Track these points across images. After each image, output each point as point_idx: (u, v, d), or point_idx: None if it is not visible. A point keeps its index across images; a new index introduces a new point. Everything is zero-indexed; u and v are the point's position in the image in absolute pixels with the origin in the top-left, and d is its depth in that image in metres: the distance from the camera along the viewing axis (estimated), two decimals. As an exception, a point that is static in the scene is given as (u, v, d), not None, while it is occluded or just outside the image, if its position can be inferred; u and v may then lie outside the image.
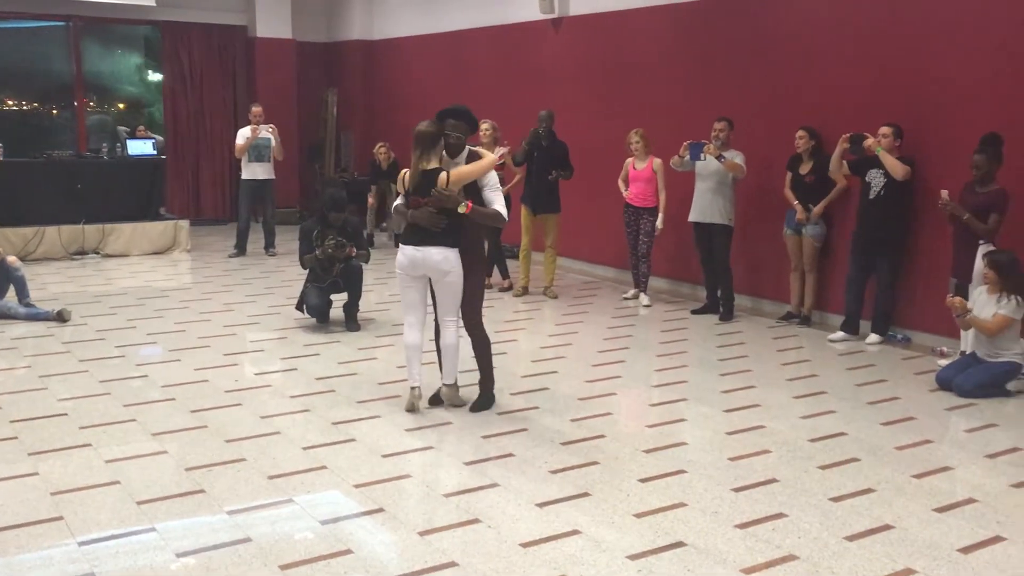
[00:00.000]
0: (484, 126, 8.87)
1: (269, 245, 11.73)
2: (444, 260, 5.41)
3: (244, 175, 11.52)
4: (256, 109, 11.51)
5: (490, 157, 5.47)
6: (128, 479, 4.60)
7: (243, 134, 11.42)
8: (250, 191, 11.53)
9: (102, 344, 7.27)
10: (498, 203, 5.50)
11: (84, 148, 13.37)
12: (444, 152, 5.46)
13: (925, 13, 7.33)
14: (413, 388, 5.70)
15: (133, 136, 12.97)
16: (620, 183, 9.02)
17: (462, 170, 5.39)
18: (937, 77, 7.26)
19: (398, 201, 5.64)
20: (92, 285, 9.75)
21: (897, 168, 7.10)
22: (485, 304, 5.78)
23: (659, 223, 8.77)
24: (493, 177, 5.52)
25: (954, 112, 7.15)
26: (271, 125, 11.47)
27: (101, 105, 15.27)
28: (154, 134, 13.84)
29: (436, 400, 5.79)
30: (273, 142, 11.42)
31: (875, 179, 7.29)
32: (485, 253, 5.90)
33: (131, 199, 11.86)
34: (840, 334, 7.64)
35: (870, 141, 7.18)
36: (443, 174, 5.34)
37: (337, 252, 7.53)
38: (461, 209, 5.30)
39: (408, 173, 5.53)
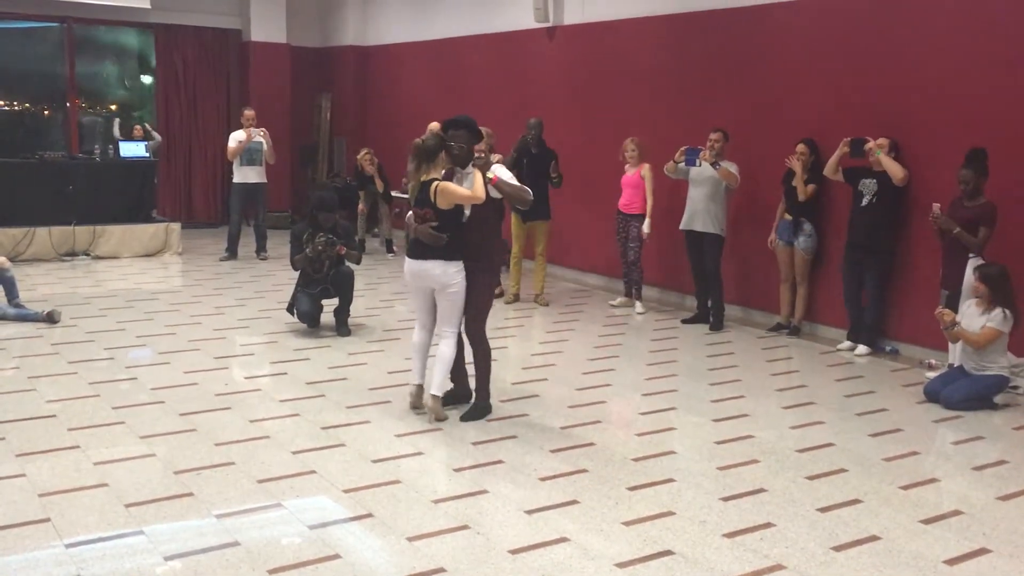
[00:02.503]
0: None
1: (260, 249, 11.72)
2: (444, 274, 5.45)
3: (236, 178, 11.49)
4: (248, 112, 11.51)
5: (476, 193, 5.40)
6: (116, 481, 4.59)
7: (235, 137, 11.39)
8: (242, 194, 11.50)
9: (91, 346, 7.25)
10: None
11: (76, 149, 13.34)
12: (450, 161, 5.53)
13: (915, 27, 7.38)
14: (415, 385, 5.73)
15: (129, 137, 12.94)
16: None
17: (449, 188, 5.41)
18: (926, 91, 7.30)
19: (409, 213, 5.69)
20: (82, 287, 9.72)
21: (897, 170, 7.13)
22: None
23: (646, 227, 8.81)
24: (506, 172, 5.61)
25: (943, 125, 7.19)
26: (262, 129, 11.45)
27: (93, 107, 15.23)
28: (155, 133, 13.79)
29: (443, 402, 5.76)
30: (265, 146, 11.38)
31: (867, 187, 7.33)
32: (497, 265, 5.90)
33: (122, 201, 11.83)
34: (847, 343, 7.68)
35: (871, 144, 7.22)
36: (434, 184, 5.39)
37: (328, 250, 7.53)
38: (489, 175, 5.40)
39: (411, 184, 5.60)
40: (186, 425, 5.46)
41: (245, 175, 11.42)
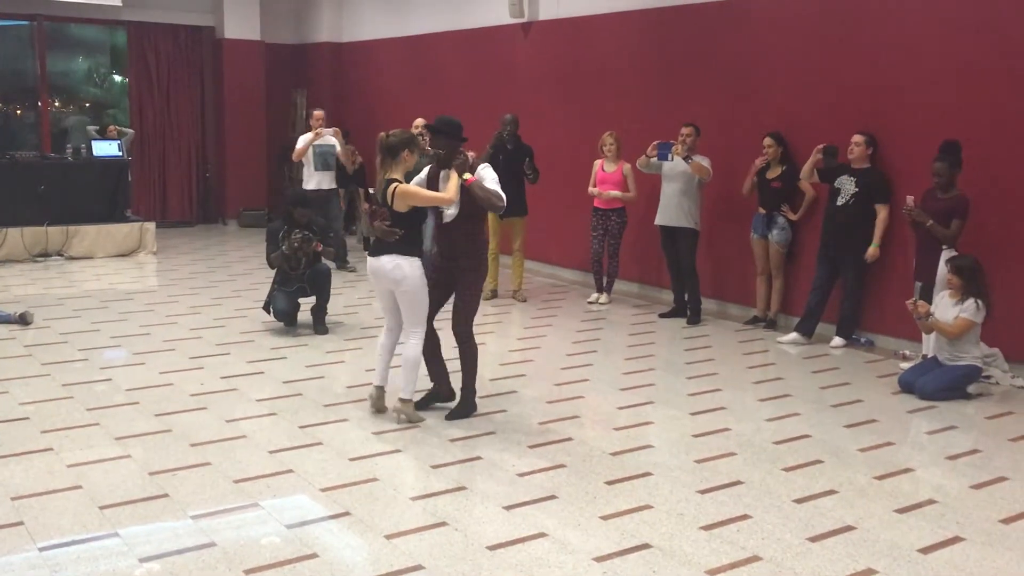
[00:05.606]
0: None
1: (341, 259, 10.39)
2: (395, 268, 5.39)
3: (310, 185, 10.22)
4: (318, 113, 10.56)
5: (444, 195, 5.38)
6: (90, 484, 4.55)
7: (304, 139, 10.37)
8: (318, 202, 9.47)
9: (65, 347, 7.18)
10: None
11: (48, 149, 13.19)
12: (436, 164, 5.55)
13: (884, 23, 7.43)
14: (375, 387, 5.71)
15: (103, 136, 12.79)
16: (592, 189, 9.01)
17: (410, 191, 5.38)
18: (897, 85, 7.36)
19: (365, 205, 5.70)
20: (55, 287, 9.63)
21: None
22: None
23: (614, 193, 8.82)
24: (492, 174, 5.54)
25: (913, 120, 7.25)
26: (334, 128, 10.59)
27: (66, 106, 15.07)
28: (127, 128, 13.59)
29: (423, 403, 5.75)
30: (338, 147, 10.45)
31: (845, 185, 7.36)
32: (485, 264, 5.83)
33: (96, 201, 11.69)
34: (793, 335, 7.71)
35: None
36: (392, 186, 5.38)
37: (304, 246, 7.50)
38: (465, 176, 5.36)
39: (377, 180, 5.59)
40: (161, 426, 5.43)
41: (318, 181, 10.26)
